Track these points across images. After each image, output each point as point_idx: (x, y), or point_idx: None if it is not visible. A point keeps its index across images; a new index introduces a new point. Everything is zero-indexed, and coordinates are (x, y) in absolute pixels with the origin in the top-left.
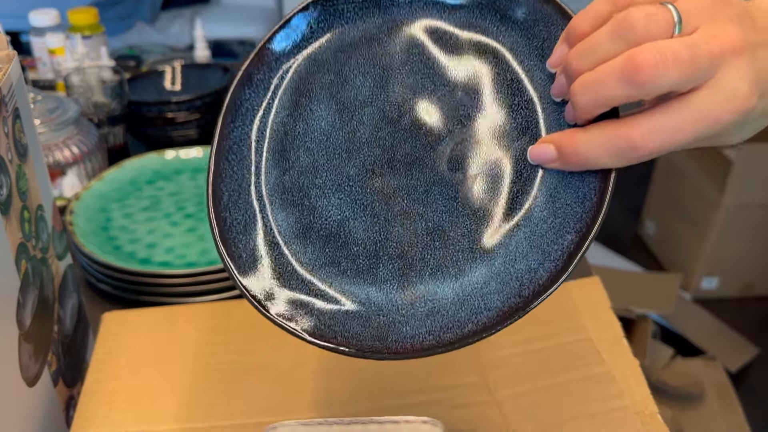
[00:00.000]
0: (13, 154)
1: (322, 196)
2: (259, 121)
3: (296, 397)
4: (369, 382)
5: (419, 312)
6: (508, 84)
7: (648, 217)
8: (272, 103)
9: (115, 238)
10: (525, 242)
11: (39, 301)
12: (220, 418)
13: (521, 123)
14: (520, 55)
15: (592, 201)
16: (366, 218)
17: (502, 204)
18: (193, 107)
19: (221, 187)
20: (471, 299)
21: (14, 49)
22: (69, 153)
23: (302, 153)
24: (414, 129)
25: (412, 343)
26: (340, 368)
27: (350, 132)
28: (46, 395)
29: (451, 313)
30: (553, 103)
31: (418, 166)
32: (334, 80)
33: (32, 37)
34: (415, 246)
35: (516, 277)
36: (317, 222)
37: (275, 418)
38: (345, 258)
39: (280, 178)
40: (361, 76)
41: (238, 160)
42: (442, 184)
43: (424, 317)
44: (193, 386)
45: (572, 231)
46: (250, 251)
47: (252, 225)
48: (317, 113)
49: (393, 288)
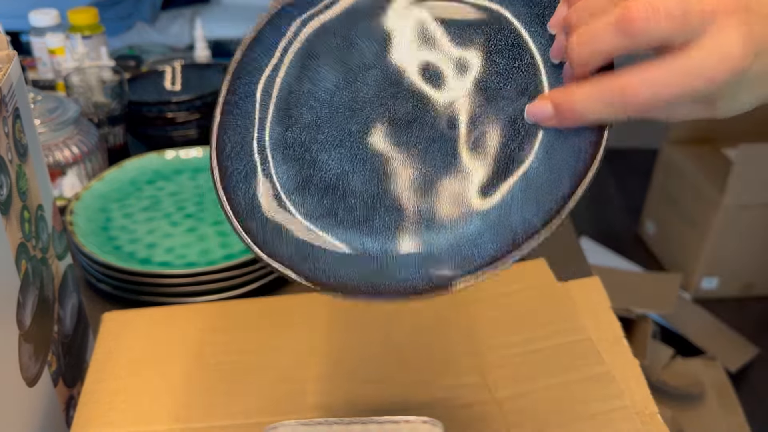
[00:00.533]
0: (13, 154)
1: (323, 150)
2: (266, 79)
3: (296, 398)
4: (369, 382)
5: (413, 259)
6: (510, 47)
7: (648, 217)
8: (280, 64)
9: (115, 238)
10: (521, 195)
11: (39, 301)
12: (220, 418)
13: (521, 84)
14: (523, 20)
15: (588, 153)
16: (365, 172)
17: (500, 161)
18: (193, 107)
19: (224, 138)
20: (464, 248)
21: (14, 49)
22: (69, 153)
23: (306, 111)
24: (416, 89)
25: (405, 287)
26: (340, 368)
27: (354, 92)
28: (46, 395)
29: (445, 259)
30: (552, 66)
31: (419, 124)
32: (340, 44)
33: (32, 37)
34: (412, 199)
35: (510, 228)
36: (317, 175)
37: (275, 418)
38: (342, 209)
39: (283, 134)
40: (366, 40)
41: (243, 114)
42: (441, 141)
43: (417, 264)
44: (193, 386)
45: (567, 183)
46: (249, 200)
47: (252, 175)
48: (323, 74)
49: (388, 238)
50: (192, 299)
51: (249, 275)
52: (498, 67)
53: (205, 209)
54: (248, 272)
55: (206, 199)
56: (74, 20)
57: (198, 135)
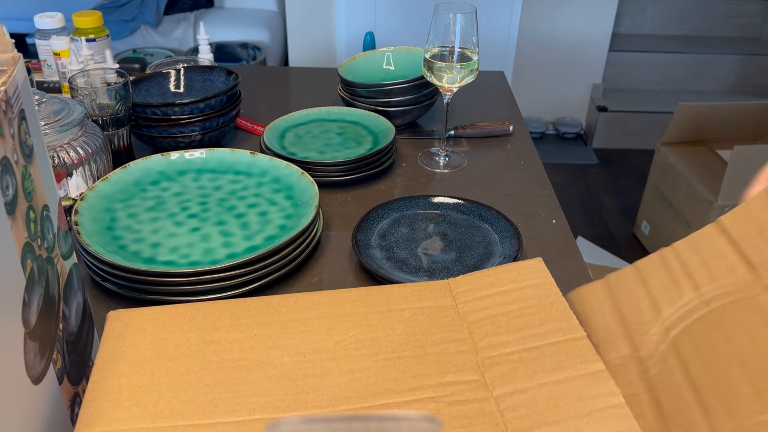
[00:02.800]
0: (18, 156)
1: None
2: None
3: (298, 395)
4: (369, 380)
5: None
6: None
7: (643, 217)
8: None
9: (119, 238)
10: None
11: (44, 300)
12: (223, 414)
13: None
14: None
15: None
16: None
17: None
18: (196, 109)
19: None
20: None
21: (19, 52)
22: (74, 154)
23: None
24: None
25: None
26: (340, 366)
27: None
28: (51, 393)
29: None
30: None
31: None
32: None
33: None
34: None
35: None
36: None
37: (277, 415)
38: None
39: None
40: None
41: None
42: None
43: None
44: (197, 383)
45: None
46: None
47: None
48: None
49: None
50: (195, 298)
51: (251, 274)
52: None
53: (209, 209)
54: (251, 271)
55: (210, 199)
56: (79, 23)
57: (201, 136)
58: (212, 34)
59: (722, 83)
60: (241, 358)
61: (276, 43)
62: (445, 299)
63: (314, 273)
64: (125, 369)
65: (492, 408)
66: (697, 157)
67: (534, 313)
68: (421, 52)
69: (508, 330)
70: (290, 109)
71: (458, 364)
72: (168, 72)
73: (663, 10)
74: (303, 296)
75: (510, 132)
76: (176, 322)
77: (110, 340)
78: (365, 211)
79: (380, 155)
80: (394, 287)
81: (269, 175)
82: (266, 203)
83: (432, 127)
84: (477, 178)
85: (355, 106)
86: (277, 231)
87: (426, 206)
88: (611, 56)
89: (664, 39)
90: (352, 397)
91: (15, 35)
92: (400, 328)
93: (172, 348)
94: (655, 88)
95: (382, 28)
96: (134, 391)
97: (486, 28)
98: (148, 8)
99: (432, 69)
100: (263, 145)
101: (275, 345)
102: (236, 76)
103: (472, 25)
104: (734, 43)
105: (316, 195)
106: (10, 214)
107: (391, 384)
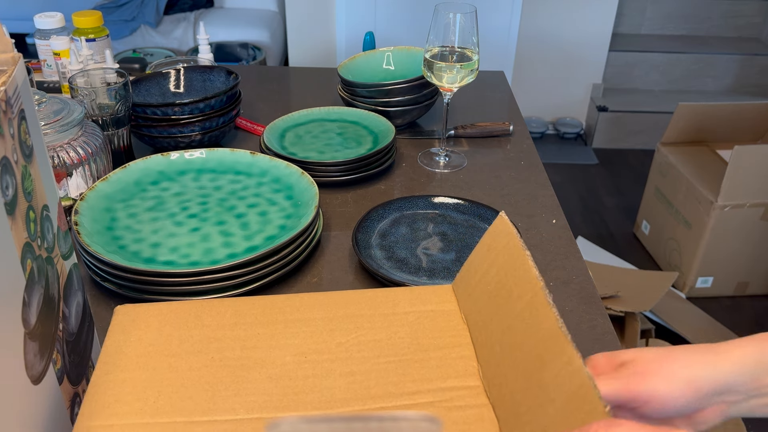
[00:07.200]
0: (18, 156)
1: None
2: None
3: (298, 395)
4: (369, 383)
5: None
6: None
7: (643, 217)
8: None
9: (119, 238)
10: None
11: (44, 300)
12: (222, 412)
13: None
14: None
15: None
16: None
17: None
18: (196, 109)
19: None
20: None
21: (19, 52)
22: (74, 154)
23: None
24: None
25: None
26: (341, 368)
27: None
28: (51, 393)
29: None
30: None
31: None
32: None
33: (37, 40)
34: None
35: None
36: None
37: (277, 414)
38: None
39: None
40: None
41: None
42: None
43: None
44: (198, 381)
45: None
46: None
47: None
48: None
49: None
50: (195, 298)
51: (251, 274)
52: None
53: (209, 209)
54: (251, 272)
55: (210, 199)
56: (79, 23)
57: (201, 136)
58: (212, 34)
59: (722, 83)
60: (243, 357)
61: (276, 43)
62: (449, 303)
63: (314, 273)
64: (128, 364)
65: (491, 414)
66: (697, 157)
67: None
68: (421, 52)
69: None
70: (290, 109)
71: (460, 369)
72: (168, 72)
73: (663, 10)
74: (308, 296)
75: (510, 132)
76: (181, 319)
77: (115, 334)
78: (365, 211)
79: (380, 155)
80: (399, 290)
81: (269, 175)
82: (266, 203)
83: (432, 127)
84: (477, 178)
85: (355, 106)
86: (277, 231)
87: (426, 206)
88: (611, 56)
89: (664, 39)
90: (351, 399)
91: (15, 35)
92: (403, 331)
93: (176, 344)
94: (655, 88)
95: (382, 28)
96: (136, 386)
97: (486, 28)
98: (148, 8)
99: (432, 69)
100: (263, 145)
101: (277, 344)
102: (236, 76)
103: (472, 25)
104: (734, 43)
105: (316, 195)
106: (10, 214)
107: (391, 387)
